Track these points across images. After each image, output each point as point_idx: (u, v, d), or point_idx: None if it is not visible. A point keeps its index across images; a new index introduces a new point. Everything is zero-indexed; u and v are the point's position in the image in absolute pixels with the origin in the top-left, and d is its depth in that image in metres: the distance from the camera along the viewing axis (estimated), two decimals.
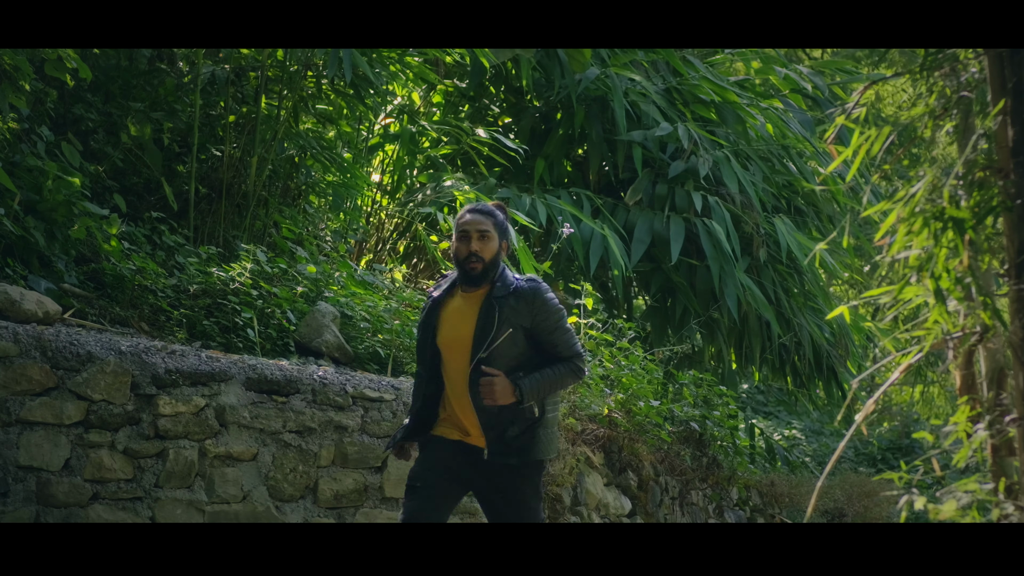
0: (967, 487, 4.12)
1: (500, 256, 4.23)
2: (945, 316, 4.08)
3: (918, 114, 4.30)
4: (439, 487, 4.11)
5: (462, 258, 4.19)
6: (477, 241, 4.17)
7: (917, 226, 4.04)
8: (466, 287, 4.23)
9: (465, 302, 4.24)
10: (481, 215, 4.21)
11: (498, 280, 4.21)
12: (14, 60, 5.49)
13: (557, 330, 4.18)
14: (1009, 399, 4.12)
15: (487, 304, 4.15)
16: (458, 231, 4.22)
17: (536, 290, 4.17)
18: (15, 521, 4.48)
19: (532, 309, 4.14)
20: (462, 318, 4.21)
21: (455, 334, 4.20)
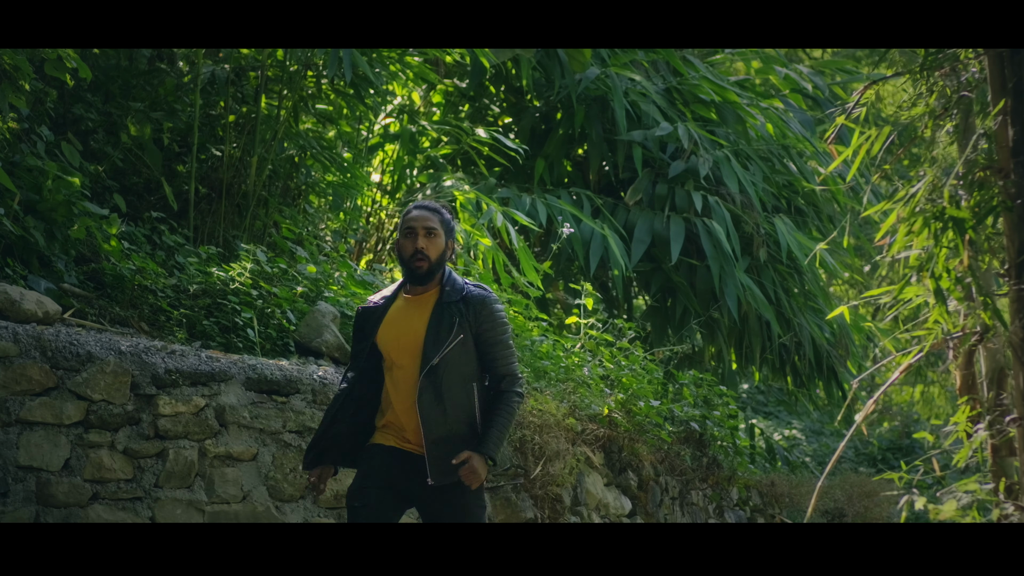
0: (967, 487, 4.12)
1: (447, 255, 4.14)
2: (945, 316, 4.08)
3: (918, 114, 4.30)
4: (380, 507, 4.01)
5: (408, 255, 4.08)
6: (424, 238, 4.07)
7: (917, 226, 4.04)
8: (412, 287, 4.14)
9: (411, 305, 4.14)
10: (428, 212, 4.12)
11: (447, 284, 4.14)
12: (14, 60, 5.49)
13: (499, 344, 4.11)
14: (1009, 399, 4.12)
15: (439, 308, 4.07)
16: (404, 228, 4.12)
17: (485, 298, 4.10)
18: (15, 521, 4.48)
19: (479, 317, 4.07)
20: (409, 321, 4.11)
21: (403, 338, 4.08)
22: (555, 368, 6.76)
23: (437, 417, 3.98)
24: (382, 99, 8.43)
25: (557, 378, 6.72)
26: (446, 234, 4.12)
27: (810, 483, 9.46)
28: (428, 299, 4.12)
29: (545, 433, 6.12)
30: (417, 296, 4.14)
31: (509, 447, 5.99)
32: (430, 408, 3.98)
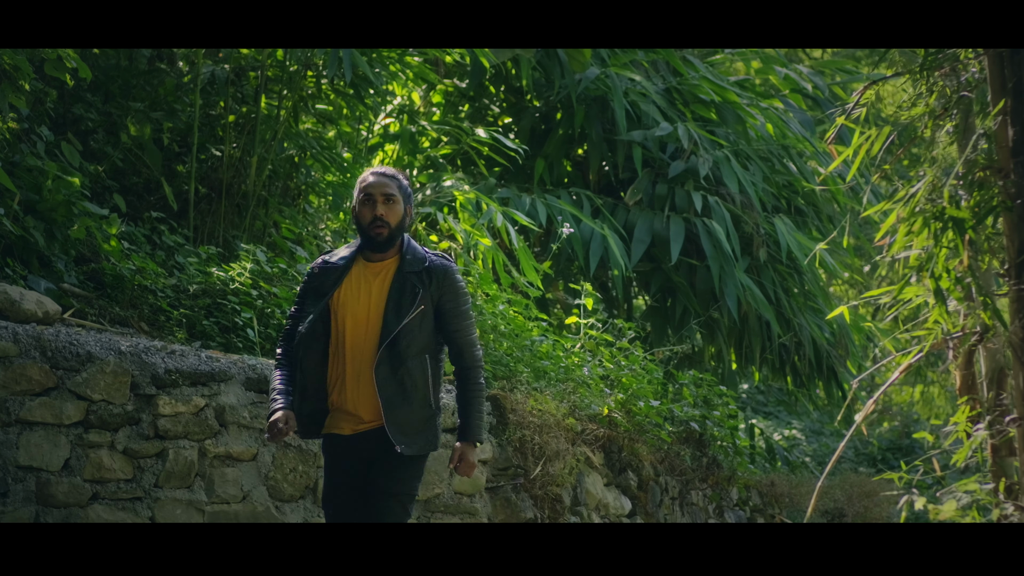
0: (967, 487, 4.12)
1: (405, 222, 4.04)
2: (945, 316, 4.08)
3: (918, 114, 4.30)
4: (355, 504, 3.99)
5: (366, 223, 3.99)
6: (382, 205, 3.97)
7: (917, 226, 4.04)
8: (370, 255, 4.04)
9: (368, 273, 4.04)
10: (386, 178, 4.03)
11: (408, 252, 4.04)
12: (14, 60, 5.49)
13: (460, 316, 4.05)
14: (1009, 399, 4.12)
15: (401, 277, 3.98)
16: (361, 194, 4.01)
17: (448, 268, 4.03)
18: (15, 521, 4.48)
19: (441, 287, 4.00)
20: (367, 290, 4.01)
21: (361, 306, 3.99)
22: (555, 368, 6.77)
23: (394, 389, 3.92)
24: (382, 99, 8.43)
25: (557, 378, 6.72)
26: (404, 200, 4.03)
27: (810, 483, 9.46)
28: (388, 267, 4.03)
29: (545, 433, 6.12)
30: (376, 263, 4.04)
31: (509, 447, 5.99)
32: (387, 380, 3.92)
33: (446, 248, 7.82)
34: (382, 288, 3.99)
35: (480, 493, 5.82)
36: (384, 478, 3.95)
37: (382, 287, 3.99)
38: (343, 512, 4.00)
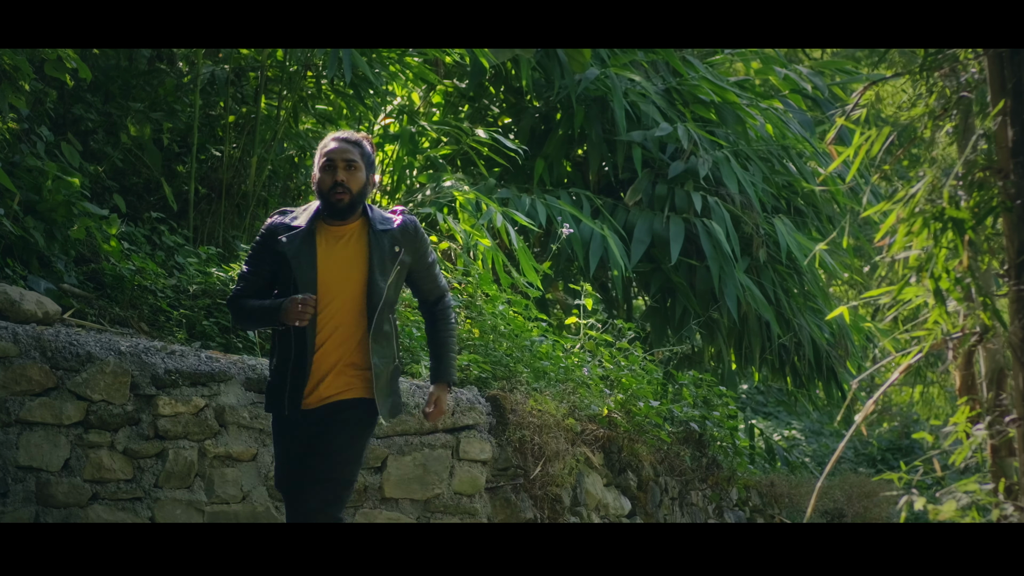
0: (967, 487, 4.12)
1: (367, 190, 3.94)
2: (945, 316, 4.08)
3: (918, 114, 4.30)
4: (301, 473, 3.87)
5: (327, 189, 3.87)
6: (344, 171, 3.87)
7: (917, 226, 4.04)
8: (329, 221, 3.92)
9: (332, 236, 3.93)
10: (348, 143, 3.92)
11: (374, 216, 3.94)
12: (14, 60, 5.49)
13: (433, 265, 4.03)
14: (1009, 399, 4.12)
15: (377, 239, 3.89)
16: (322, 160, 3.91)
17: (416, 224, 3.98)
18: (15, 521, 4.48)
19: (415, 245, 3.96)
20: (340, 254, 3.90)
21: (335, 274, 3.87)
22: (555, 368, 6.76)
23: (381, 356, 3.89)
24: (382, 99, 8.44)
25: (557, 378, 6.72)
26: (367, 168, 3.93)
27: (810, 483, 9.47)
28: (355, 230, 3.94)
29: (545, 433, 6.12)
30: (336, 229, 3.93)
31: (509, 447, 6.00)
32: (376, 348, 3.87)
33: (446, 248, 7.82)
34: (357, 250, 3.90)
35: (480, 493, 5.82)
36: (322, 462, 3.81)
37: (357, 249, 3.90)
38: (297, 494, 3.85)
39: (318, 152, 3.95)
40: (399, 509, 5.52)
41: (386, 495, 5.48)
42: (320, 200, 3.93)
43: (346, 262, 3.89)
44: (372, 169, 3.96)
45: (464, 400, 5.82)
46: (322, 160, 3.91)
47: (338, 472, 3.82)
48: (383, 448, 5.46)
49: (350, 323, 3.88)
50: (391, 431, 5.49)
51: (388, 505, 5.48)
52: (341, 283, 3.88)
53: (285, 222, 3.98)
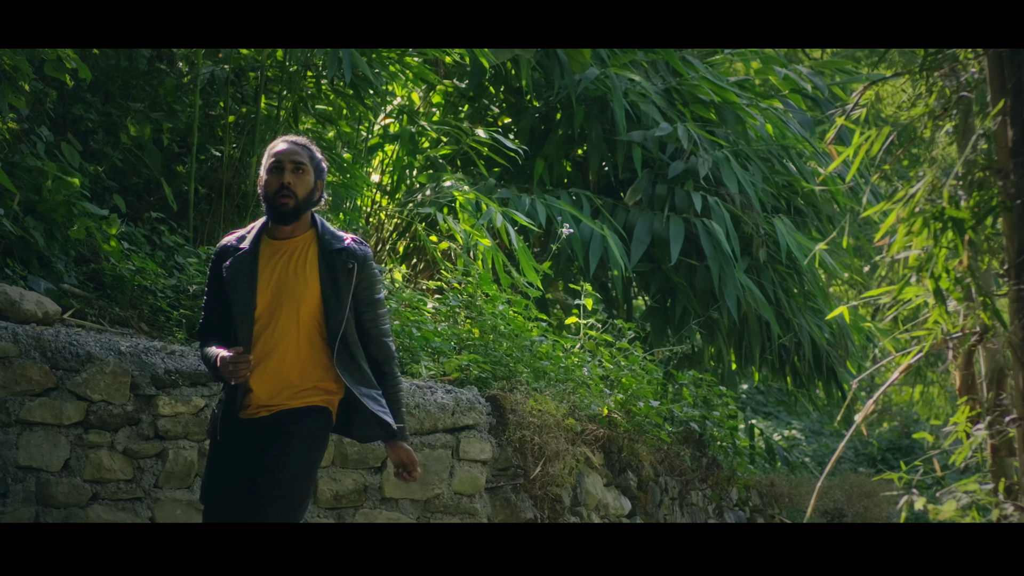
0: (967, 487, 4.12)
1: (315, 196, 3.80)
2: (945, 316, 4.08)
3: (918, 114, 4.30)
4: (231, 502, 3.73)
5: (272, 191, 3.73)
6: (291, 174, 3.74)
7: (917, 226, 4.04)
8: (275, 228, 3.79)
9: (278, 251, 3.79)
10: (297, 146, 3.80)
11: (322, 229, 3.82)
12: (14, 60, 5.49)
13: (377, 303, 3.85)
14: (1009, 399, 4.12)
15: (327, 255, 3.76)
16: (270, 161, 3.77)
17: (367, 253, 3.83)
18: (15, 521, 4.48)
19: (361, 273, 3.80)
20: (282, 270, 3.75)
21: (276, 288, 3.73)
22: (555, 368, 6.76)
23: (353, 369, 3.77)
24: (382, 99, 8.43)
25: (557, 378, 6.72)
26: (315, 174, 3.80)
27: (810, 483, 9.47)
28: (303, 243, 3.80)
29: (545, 433, 6.12)
30: (286, 240, 3.80)
31: (509, 447, 6.00)
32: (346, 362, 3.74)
33: (445, 248, 7.82)
34: (309, 266, 3.76)
35: (480, 493, 5.82)
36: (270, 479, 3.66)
37: (308, 265, 3.76)
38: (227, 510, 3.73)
39: (266, 153, 3.83)
40: (399, 509, 5.52)
41: (386, 495, 5.47)
42: (264, 205, 3.79)
43: (291, 279, 3.76)
44: (320, 176, 3.83)
45: (464, 400, 5.82)
46: (270, 161, 3.79)
47: (288, 489, 3.66)
48: (383, 448, 5.46)
49: (297, 342, 3.75)
50: None
51: (388, 505, 5.48)
52: (285, 300, 3.74)
53: (233, 243, 3.86)
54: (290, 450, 3.67)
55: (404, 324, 6.42)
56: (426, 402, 5.63)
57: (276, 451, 3.65)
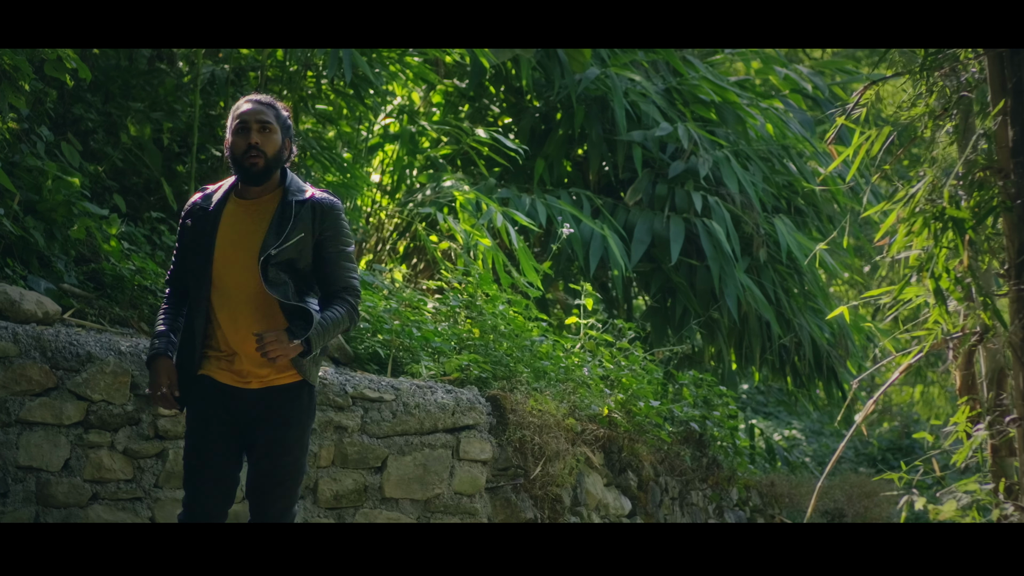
0: (967, 487, 4.12)
1: (283, 155, 3.76)
2: (945, 316, 4.08)
3: (918, 114, 4.30)
4: (219, 465, 3.72)
5: (240, 152, 3.70)
6: (258, 134, 3.69)
7: (917, 226, 4.04)
8: (245, 189, 3.75)
9: (245, 210, 3.74)
10: (261, 105, 3.75)
11: (290, 184, 3.76)
12: (14, 60, 5.49)
13: (341, 254, 3.74)
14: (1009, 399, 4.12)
15: (283, 208, 3.69)
16: (235, 123, 3.73)
17: (334, 205, 3.75)
18: (15, 521, 4.48)
19: (324, 222, 3.71)
20: (245, 227, 3.71)
21: (238, 246, 3.69)
22: (555, 368, 6.77)
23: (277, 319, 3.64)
24: (382, 99, 8.44)
25: (557, 378, 6.72)
26: (282, 131, 3.75)
27: (810, 483, 9.46)
28: (269, 202, 3.75)
29: (545, 433, 6.12)
30: (254, 200, 3.76)
31: (509, 447, 6.00)
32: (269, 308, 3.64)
33: (445, 248, 7.82)
34: (264, 223, 3.70)
35: (480, 493, 5.82)
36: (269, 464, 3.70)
37: (264, 223, 3.70)
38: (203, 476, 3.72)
39: (231, 115, 3.78)
40: (399, 509, 5.52)
41: (386, 495, 5.47)
42: (233, 167, 3.75)
43: (249, 234, 3.70)
44: (287, 133, 3.78)
45: (464, 400, 5.82)
46: (235, 123, 3.74)
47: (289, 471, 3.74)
48: (383, 448, 5.46)
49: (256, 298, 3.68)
50: (391, 431, 5.50)
51: (388, 505, 5.48)
52: (235, 257, 3.69)
53: (199, 203, 3.82)
54: (287, 434, 3.71)
55: (404, 324, 6.42)
56: (426, 402, 5.63)
57: (272, 435, 3.70)
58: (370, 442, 5.42)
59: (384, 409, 5.49)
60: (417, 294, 7.01)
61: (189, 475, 3.78)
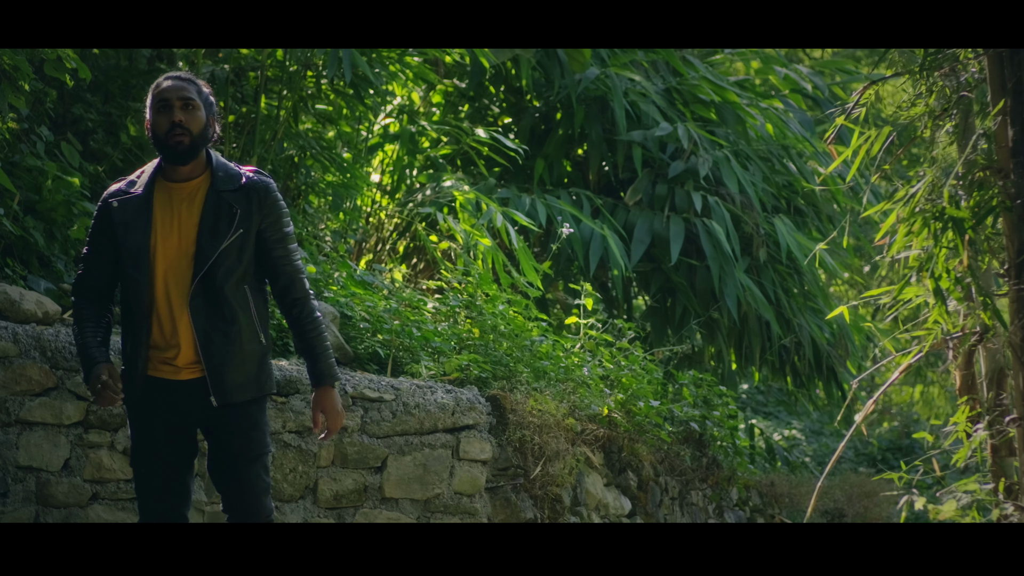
0: (967, 487, 4.12)
1: (209, 132, 3.61)
2: (945, 316, 4.08)
3: (918, 114, 4.30)
4: (168, 467, 3.64)
5: (163, 132, 3.53)
6: (181, 111, 3.53)
7: (917, 226, 4.04)
8: (172, 170, 3.58)
9: (173, 197, 3.57)
10: (182, 81, 3.61)
11: (219, 169, 3.60)
12: (13, 60, 5.49)
13: (286, 239, 3.62)
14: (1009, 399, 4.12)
15: (214, 197, 3.53)
16: (156, 102, 3.58)
17: (268, 186, 3.61)
18: (15, 521, 4.48)
19: (262, 208, 3.57)
20: (175, 216, 3.55)
21: (170, 237, 3.54)
22: (555, 368, 6.76)
23: (216, 328, 3.54)
24: (382, 99, 8.43)
25: (557, 378, 6.72)
26: (206, 108, 3.61)
27: (810, 483, 9.46)
28: (197, 188, 3.59)
29: (545, 433, 6.12)
30: (181, 184, 3.59)
31: (509, 447, 6.00)
32: (207, 318, 3.53)
33: (445, 248, 7.82)
34: (193, 212, 3.54)
35: (480, 493, 5.83)
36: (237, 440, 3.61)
37: (193, 211, 3.54)
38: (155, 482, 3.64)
39: (150, 93, 3.63)
40: (399, 509, 5.52)
41: (386, 495, 5.47)
42: (157, 147, 3.59)
43: (179, 225, 3.55)
44: (211, 111, 3.64)
45: (464, 400, 5.82)
46: (156, 101, 3.59)
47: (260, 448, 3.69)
48: (383, 448, 5.46)
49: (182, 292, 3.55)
50: (391, 431, 5.50)
51: (388, 505, 5.48)
52: (167, 251, 3.55)
53: (123, 188, 3.65)
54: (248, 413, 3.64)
55: (404, 324, 6.42)
56: (426, 402, 5.63)
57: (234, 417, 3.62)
58: (370, 442, 5.42)
59: (384, 409, 5.49)
60: (417, 294, 7.01)
61: (137, 479, 3.70)
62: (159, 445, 3.66)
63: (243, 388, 3.63)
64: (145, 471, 3.69)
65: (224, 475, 3.73)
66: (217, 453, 3.70)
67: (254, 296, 3.63)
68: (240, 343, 3.60)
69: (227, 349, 3.57)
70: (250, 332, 3.61)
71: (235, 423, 3.64)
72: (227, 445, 3.66)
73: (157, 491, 3.71)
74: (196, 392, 3.61)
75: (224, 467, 3.71)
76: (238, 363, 3.60)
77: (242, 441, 3.65)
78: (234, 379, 3.60)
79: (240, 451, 3.65)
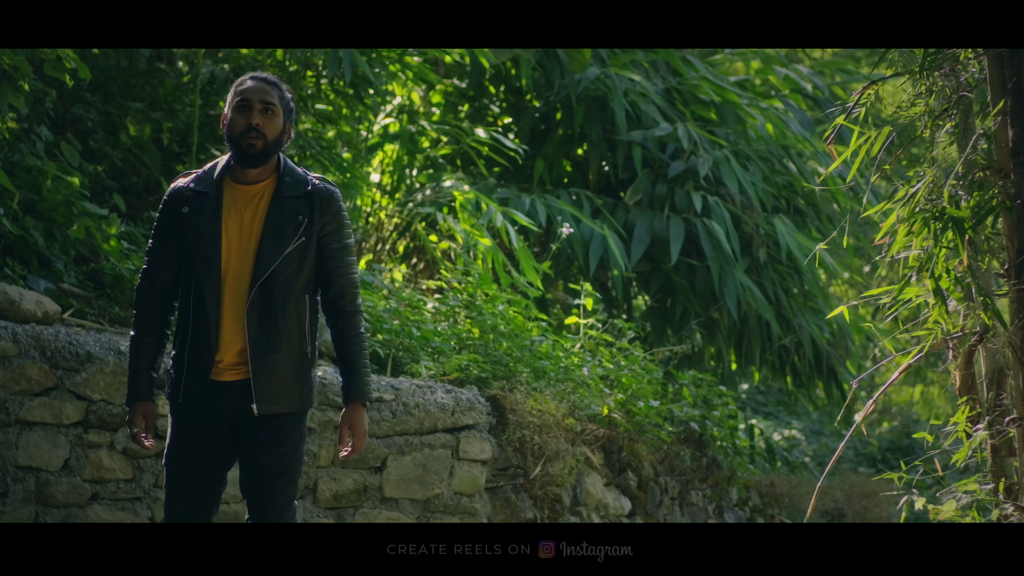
0: (967, 487, 4.12)
1: (284, 139, 3.56)
2: (945, 316, 4.08)
3: (918, 114, 4.30)
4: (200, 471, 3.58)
5: (238, 132, 3.48)
6: (260, 114, 3.49)
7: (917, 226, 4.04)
8: (239, 172, 3.53)
9: (239, 199, 3.52)
10: (267, 84, 3.55)
11: (286, 174, 3.55)
12: (13, 60, 5.49)
13: (345, 249, 3.58)
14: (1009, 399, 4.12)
15: (279, 203, 3.48)
16: (237, 100, 3.52)
17: (333, 194, 3.56)
18: (14, 521, 4.48)
19: (324, 216, 3.53)
20: (238, 220, 3.50)
21: (234, 238, 3.49)
22: (555, 368, 6.76)
23: (268, 336, 3.48)
24: (382, 99, 8.44)
25: (557, 378, 6.72)
26: (285, 115, 3.56)
27: (810, 483, 9.46)
28: (262, 191, 3.54)
29: (545, 433, 6.12)
30: (248, 186, 3.55)
31: (509, 447, 6.00)
32: (260, 324, 3.47)
33: (445, 248, 7.82)
34: (258, 215, 3.50)
35: (480, 493, 5.83)
36: (266, 454, 3.53)
37: (258, 214, 3.50)
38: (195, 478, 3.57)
39: (232, 90, 3.58)
40: (399, 509, 5.52)
41: (386, 495, 5.47)
42: (230, 145, 3.54)
43: (242, 228, 3.50)
44: (290, 118, 3.59)
45: (464, 400, 5.82)
46: (237, 100, 3.53)
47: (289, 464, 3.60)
48: (383, 448, 5.46)
49: (240, 298, 3.51)
50: (391, 431, 5.50)
51: (388, 505, 5.48)
52: (233, 252, 3.50)
53: (191, 186, 3.56)
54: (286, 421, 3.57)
55: (404, 324, 6.42)
56: (426, 402, 5.63)
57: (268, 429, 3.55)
58: (370, 442, 5.42)
59: (384, 409, 5.49)
60: (417, 294, 7.01)
61: (172, 481, 3.64)
62: (195, 448, 3.59)
63: (285, 400, 3.56)
64: (176, 471, 3.62)
65: (249, 486, 3.67)
66: (244, 463, 3.64)
67: (310, 306, 3.59)
68: (289, 353, 3.54)
69: (275, 358, 3.51)
70: (300, 343, 3.56)
71: (268, 436, 3.57)
72: (256, 457, 3.59)
73: (186, 493, 3.65)
74: (236, 394, 3.55)
75: (250, 478, 3.65)
76: (283, 374, 3.54)
77: (271, 456, 3.58)
78: (278, 390, 3.53)
79: (267, 466, 3.59)
